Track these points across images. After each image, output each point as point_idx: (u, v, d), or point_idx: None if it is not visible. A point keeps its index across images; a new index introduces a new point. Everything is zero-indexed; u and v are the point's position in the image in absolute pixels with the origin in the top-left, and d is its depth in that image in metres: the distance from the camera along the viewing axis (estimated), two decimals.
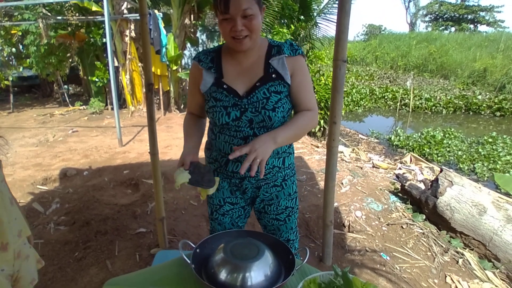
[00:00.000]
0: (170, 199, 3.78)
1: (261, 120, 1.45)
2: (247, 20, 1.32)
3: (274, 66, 1.47)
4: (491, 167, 5.57)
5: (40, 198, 3.88)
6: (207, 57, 1.53)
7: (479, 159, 5.88)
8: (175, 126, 7.07)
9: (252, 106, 1.45)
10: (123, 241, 3.07)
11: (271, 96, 1.45)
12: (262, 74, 1.47)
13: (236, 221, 1.78)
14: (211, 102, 1.50)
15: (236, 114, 1.46)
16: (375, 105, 10.64)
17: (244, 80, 1.48)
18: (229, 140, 1.52)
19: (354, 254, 2.90)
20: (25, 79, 10.70)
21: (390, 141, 6.92)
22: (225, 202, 1.71)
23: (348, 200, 3.65)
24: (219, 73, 1.50)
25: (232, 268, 1.30)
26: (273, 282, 1.31)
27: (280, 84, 1.47)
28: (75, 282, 2.60)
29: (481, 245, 2.94)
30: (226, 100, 1.46)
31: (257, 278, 1.29)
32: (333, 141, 2.18)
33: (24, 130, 6.87)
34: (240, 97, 1.46)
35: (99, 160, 5.04)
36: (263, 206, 1.73)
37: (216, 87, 1.49)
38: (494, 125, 8.65)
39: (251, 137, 1.48)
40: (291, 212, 1.74)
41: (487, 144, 6.47)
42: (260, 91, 1.45)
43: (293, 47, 1.50)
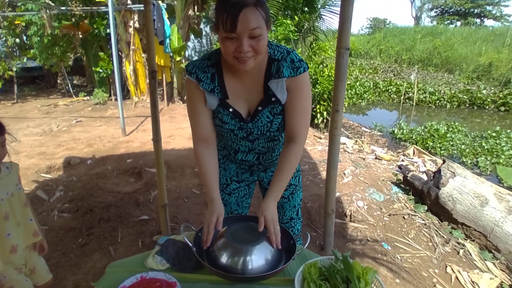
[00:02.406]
0: (172, 187, 3.80)
1: (266, 138, 1.50)
2: (254, 41, 1.19)
3: (272, 89, 1.37)
4: (494, 161, 5.54)
5: (44, 186, 3.91)
6: (205, 75, 1.38)
7: (482, 153, 5.84)
8: (178, 117, 7.09)
9: (257, 129, 1.46)
10: (126, 228, 3.10)
11: (274, 118, 1.44)
12: (262, 97, 1.40)
13: (242, 201, 1.81)
14: (217, 122, 1.47)
15: (242, 134, 1.48)
16: (379, 99, 10.59)
17: (246, 101, 1.43)
18: (236, 141, 1.55)
19: (355, 244, 2.92)
20: (29, 70, 10.71)
21: (393, 134, 6.89)
22: (231, 180, 1.75)
23: (350, 190, 3.65)
24: (224, 94, 1.39)
25: (233, 251, 1.32)
26: (274, 266, 1.33)
27: (280, 105, 1.42)
28: (78, 267, 2.65)
29: (482, 236, 2.95)
30: (231, 123, 1.45)
31: (258, 262, 1.31)
32: (335, 129, 2.18)
33: (28, 120, 6.90)
34: (245, 121, 1.45)
35: (102, 149, 5.07)
36: (268, 182, 1.77)
37: (222, 109, 1.42)
38: (498, 120, 8.59)
39: (257, 140, 1.52)
40: (294, 190, 1.78)
41: (491, 139, 6.41)
42: (263, 114, 1.43)
43: (294, 64, 1.34)
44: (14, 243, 1.65)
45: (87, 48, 8.89)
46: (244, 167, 1.71)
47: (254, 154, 1.60)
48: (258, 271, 1.29)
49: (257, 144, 1.54)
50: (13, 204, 1.66)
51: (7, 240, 1.63)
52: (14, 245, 1.65)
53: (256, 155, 1.61)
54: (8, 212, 1.63)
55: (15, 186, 1.70)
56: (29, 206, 1.78)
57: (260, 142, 1.53)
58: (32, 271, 1.83)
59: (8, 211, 1.63)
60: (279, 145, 1.60)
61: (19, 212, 1.70)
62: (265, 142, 1.54)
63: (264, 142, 1.53)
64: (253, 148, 1.56)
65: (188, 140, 5.48)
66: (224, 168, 1.73)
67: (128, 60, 7.87)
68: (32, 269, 1.83)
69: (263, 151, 1.59)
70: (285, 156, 1.45)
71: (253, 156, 1.61)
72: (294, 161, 1.45)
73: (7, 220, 1.63)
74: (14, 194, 1.67)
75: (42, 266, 1.89)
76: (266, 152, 1.61)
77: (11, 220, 1.65)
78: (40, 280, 1.89)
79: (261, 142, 1.53)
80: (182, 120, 6.77)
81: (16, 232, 1.67)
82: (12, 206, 1.65)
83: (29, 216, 1.77)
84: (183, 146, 5.21)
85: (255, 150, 1.58)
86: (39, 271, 1.87)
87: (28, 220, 1.76)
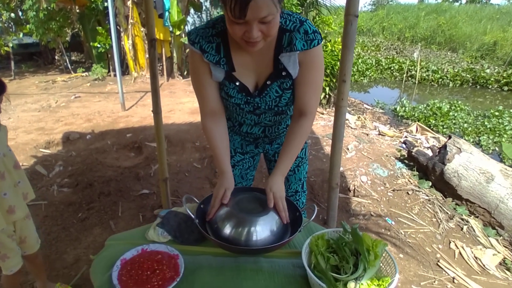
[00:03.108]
0: (173, 161, 3.76)
1: (274, 112, 1.43)
2: (265, 25, 1.09)
3: (284, 63, 1.28)
4: (497, 140, 5.50)
5: (43, 161, 3.87)
6: (210, 46, 1.27)
7: (485, 132, 5.80)
8: (178, 92, 7.01)
9: (265, 104, 1.38)
10: (126, 202, 3.08)
11: (283, 93, 1.36)
12: (272, 71, 1.31)
13: (246, 173, 1.76)
14: (222, 94, 1.39)
15: (249, 109, 1.41)
16: (381, 76, 10.46)
17: (254, 74, 1.34)
18: (242, 114, 1.47)
19: (359, 218, 2.89)
20: (26, 46, 10.49)
21: (395, 112, 6.82)
22: (236, 152, 1.69)
23: (353, 165, 3.61)
24: (230, 67, 1.30)
25: (238, 221, 1.26)
26: (279, 239, 1.28)
27: (291, 80, 1.33)
28: (79, 241, 2.63)
29: (486, 212, 2.91)
30: (238, 97, 1.37)
31: (263, 234, 1.25)
32: (342, 100, 2.10)
33: (26, 96, 6.80)
34: (252, 95, 1.36)
35: (101, 124, 5.01)
36: (274, 154, 1.72)
37: (228, 82, 1.34)
38: (501, 100, 8.50)
39: (264, 114, 1.45)
40: (300, 162, 1.72)
41: (493, 118, 6.35)
42: (271, 89, 1.34)
43: (308, 36, 1.23)
44: (11, 204, 1.61)
45: (84, 23, 8.68)
46: (249, 139, 1.64)
47: (260, 127, 1.53)
48: (262, 243, 1.24)
49: (264, 118, 1.47)
50: (6, 164, 1.62)
51: (4, 200, 1.59)
52: (12, 206, 1.61)
53: (262, 128, 1.54)
54: (3, 171, 1.59)
55: (5, 147, 1.66)
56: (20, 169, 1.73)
57: (267, 116, 1.46)
58: (23, 240, 1.79)
59: (3, 171, 1.59)
60: (286, 118, 1.53)
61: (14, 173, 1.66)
62: (272, 116, 1.46)
63: (271, 116, 1.46)
64: (259, 122, 1.49)
65: (189, 114, 5.43)
66: (229, 139, 1.67)
67: (127, 34, 7.71)
68: (23, 239, 1.79)
69: (269, 124, 1.52)
70: (295, 131, 1.38)
71: (258, 129, 1.54)
72: (304, 136, 1.39)
73: (3, 180, 1.59)
74: (6, 154, 1.64)
75: (33, 236, 1.85)
76: (272, 125, 1.54)
77: (7, 180, 1.60)
78: (30, 250, 1.86)
79: (268, 116, 1.46)
80: (182, 95, 6.70)
81: (13, 193, 1.63)
82: (6, 166, 1.61)
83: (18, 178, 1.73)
84: (184, 120, 5.16)
85: (261, 124, 1.51)
86: (30, 240, 1.83)
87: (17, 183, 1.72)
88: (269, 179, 1.35)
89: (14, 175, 1.67)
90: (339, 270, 1.17)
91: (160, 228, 1.39)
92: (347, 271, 1.14)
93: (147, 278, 1.16)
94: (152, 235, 1.38)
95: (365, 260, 1.16)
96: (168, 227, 1.40)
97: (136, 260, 1.24)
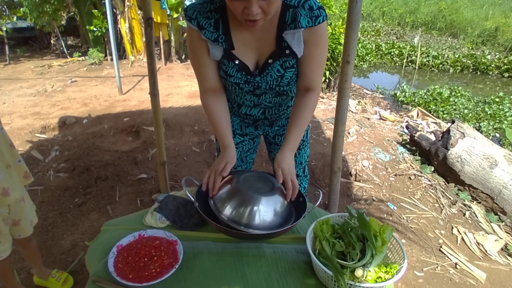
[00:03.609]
0: (171, 145, 3.71)
1: (275, 92, 1.37)
2: (265, 1, 1.04)
3: (288, 41, 1.22)
4: (497, 126, 5.47)
5: (39, 146, 3.81)
6: (208, 22, 1.21)
7: (485, 118, 5.76)
8: (176, 76, 6.91)
9: (266, 83, 1.32)
10: (124, 187, 3.03)
11: (285, 72, 1.30)
12: (274, 49, 1.25)
13: (246, 156, 1.70)
14: (221, 73, 1.33)
15: (249, 88, 1.35)
16: (381, 61, 10.36)
17: (255, 52, 1.27)
18: (241, 95, 1.41)
19: (361, 203, 2.85)
20: (21, 30, 10.29)
21: (395, 97, 6.76)
22: (235, 134, 1.62)
23: (355, 150, 3.57)
24: (229, 45, 1.24)
25: (242, 200, 1.19)
26: (283, 223, 1.22)
27: (294, 58, 1.27)
28: (75, 227, 2.59)
29: (489, 198, 2.88)
30: (237, 77, 1.30)
31: (267, 215, 1.19)
32: (345, 82, 2.03)
33: (22, 81, 6.69)
34: (253, 74, 1.30)
35: (98, 108, 4.94)
36: (274, 136, 1.67)
37: (227, 61, 1.28)
38: (501, 86, 8.43)
39: (264, 95, 1.39)
40: (302, 145, 1.66)
41: (494, 104, 6.31)
42: (273, 68, 1.28)
43: (313, 12, 1.18)
44: (5, 186, 1.55)
45: (80, 6, 8.49)
46: (248, 121, 1.59)
47: (259, 108, 1.47)
48: (266, 225, 1.18)
49: (264, 99, 1.41)
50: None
51: None
52: (6, 188, 1.55)
53: (261, 110, 1.48)
54: None
55: None
56: (15, 149, 1.67)
57: (267, 97, 1.39)
58: (16, 223, 1.72)
59: None
60: (287, 99, 1.47)
61: (7, 154, 1.59)
62: (273, 97, 1.40)
63: (272, 97, 1.40)
64: (259, 103, 1.43)
65: (187, 98, 5.36)
66: None
67: (123, 17, 7.55)
68: (16, 221, 1.72)
69: (269, 106, 1.45)
70: (302, 105, 1.32)
71: (258, 111, 1.48)
72: (311, 111, 1.34)
73: None
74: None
75: (27, 219, 1.79)
76: (272, 107, 1.48)
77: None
78: (23, 233, 1.79)
79: (268, 97, 1.39)
80: (180, 79, 6.62)
81: (7, 174, 1.57)
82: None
83: (17, 158, 1.66)
84: (182, 104, 5.09)
85: (261, 105, 1.44)
86: (23, 223, 1.76)
87: (17, 162, 1.65)
88: (277, 155, 1.27)
89: (7, 156, 1.60)
90: (345, 257, 1.13)
91: (158, 213, 1.34)
92: (354, 258, 1.09)
93: (144, 265, 1.11)
94: (150, 220, 1.33)
95: (373, 246, 1.12)
96: (166, 212, 1.35)
97: (133, 246, 1.19)
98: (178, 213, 1.36)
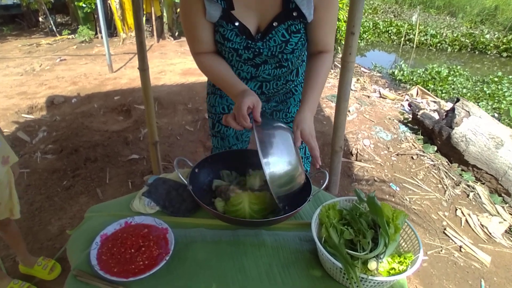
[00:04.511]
0: (164, 124, 3.59)
1: (277, 61, 1.24)
2: None
3: (296, 2, 1.09)
4: (496, 106, 5.42)
5: (25, 127, 3.67)
6: None
7: (484, 98, 5.72)
8: (169, 53, 6.72)
9: (267, 50, 1.17)
10: (114, 168, 2.93)
11: (291, 38, 1.16)
12: (280, 10, 1.11)
13: (241, 134, 1.57)
14: (218, 38, 1.18)
15: (248, 56, 1.19)
16: (378, 39, 10.23)
17: (257, 14, 1.13)
18: (238, 65, 1.27)
19: (362, 184, 2.76)
20: (7, 8, 9.93)
21: (393, 76, 6.68)
22: (229, 109, 1.48)
23: (355, 128, 3.46)
24: (228, 3, 1.11)
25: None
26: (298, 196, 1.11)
27: (301, 22, 1.14)
28: (63, 211, 2.49)
29: (493, 179, 2.79)
30: (236, 41, 1.16)
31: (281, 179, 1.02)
32: (349, 55, 1.89)
33: (8, 60, 6.46)
34: (254, 39, 1.15)
35: (88, 87, 4.77)
36: (272, 112, 1.54)
37: (225, 22, 1.14)
38: (499, 66, 8.36)
39: (264, 65, 1.25)
40: None
41: (493, 83, 6.26)
42: (277, 32, 1.14)
43: None
44: None
45: None
46: None
47: (256, 82, 1.33)
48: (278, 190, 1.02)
49: (262, 71, 1.26)
50: None
51: None
52: None
53: (258, 84, 1.34)
54: None
55: None
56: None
57: (267, 68, 1.25)
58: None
59: None
60: (286, 72, 1.32)
61: None
62: (272, 69, 1.26)
63: (271, 68, 1.26)
64: (257, 75, 1.28)
65: (180, 75, 5.21)
66: (221, 95, 1.46)
67: None
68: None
69: (267, 79, 1.31)
70: (318, 64, 1.21)
71: (254, 85, 1.34)
72: (327, 70, 1.23)
73: None
74: None
75: (6, 200, 1.64)
76: (270, 81, 1.33)
77: None
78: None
79: (268, 68, 1.25)
80: (173, 56, 6.44)
81: None
82: None
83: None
84: (175, 81, 4.93)
85: (258, 78, 1.30)
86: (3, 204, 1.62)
87: None
88: (296, 116, 1.13)
89: None
90: (354, 245, 1.01)
91: (146, 198, 1.21)
92: (365, 247, 0.98)
93: (131, 257, 0.99)
94: (138, 205, 1.20)
95: (386, 235, 1.00)
96: (155, 196, 1.23)
97: (119, 235, 1.07)
98: (169, 197, 1.24)
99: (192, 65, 5.68)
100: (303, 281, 1.00)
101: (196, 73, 5.19)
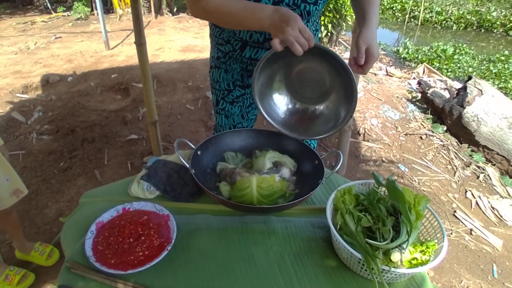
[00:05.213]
0: (163, 103, 3.49)
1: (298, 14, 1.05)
2: None
3: None
4: (502, 85, 5.34)
5: (20, 107, 3.58)
6: None
7: (490, 77, 5.63)
8: (168, 29, 6.56)
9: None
10: (113, 149, 2.85)
11: None
12: None
13: (247, 112, 1.46)
14: None
15: (266, 1, 1.05)
16: (382, 16, 10.09)
17: None
18: None
19: (369, 164, 2.68)
20: None
21: (398, 54, 6.57)
22: (235, 86, 1.37)
23: (362, 107, 3.38)
24: None
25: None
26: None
27: None
28: (61, 194, 2.43)
29: (505, 160, 2.71)
30: None
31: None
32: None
33: (2, 39, 6.32)
34: None
35: (84, 64, 4.65)
36: None
37: None
38: (505, 45, 8.22)
39: None
40: None
41: (499, 63, 6.14)
42: None
43: None
44: None
45: None
46: (252, 68, 1.32)
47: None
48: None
49: None
50: None
51: None
52: None
53: None
54: None
55: None
56: None
57: None
58: None
59: None
60: None
61: None
62: None
63: None
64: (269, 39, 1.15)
65: (180, 52, 5.07)
66: (226, 70, 1.34)
67: None
68: None
69: None
70: None
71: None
72: None
73: None
74: None
75: (5, 189, 1.56)
76: None
77: None
78: None
79: None
80: (172, 33, 6.28)
81: None
82: None
83: None
84: (174, 58, 4.79)
85: None
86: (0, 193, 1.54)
87: None
88: (362, 31, 1.02)
89: None
90: (372, 234, 0.92)
91: (145, 182, 1.12)
92: (386, 236, 0.89)
93: (129, 246, 0.91)
94: (136, 190, 1.11)
95: (408, 222, 0.91)
96: (155, 180, 1.13)
97: (116, 223, 0.98)
98: (170, 181, 1.15)
99: (192, 41, 5.53)
100: (317, 272, 0.91)
101: (196, 50, 5.04)
